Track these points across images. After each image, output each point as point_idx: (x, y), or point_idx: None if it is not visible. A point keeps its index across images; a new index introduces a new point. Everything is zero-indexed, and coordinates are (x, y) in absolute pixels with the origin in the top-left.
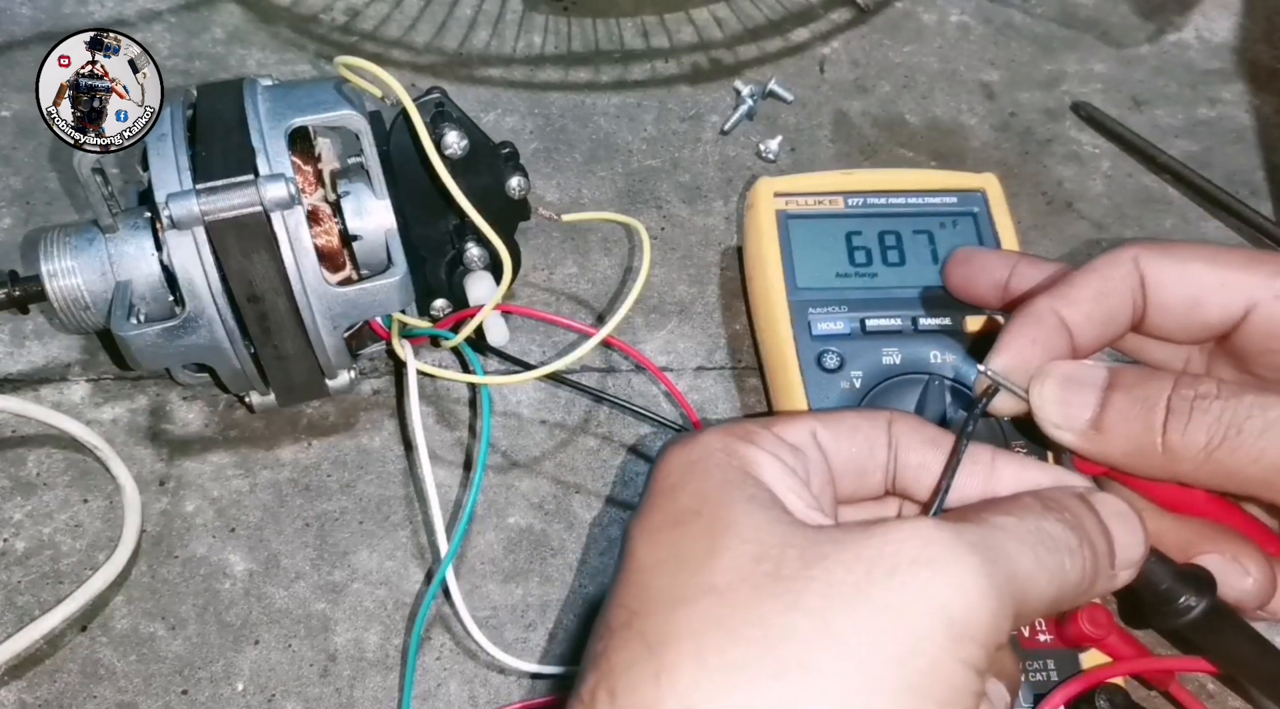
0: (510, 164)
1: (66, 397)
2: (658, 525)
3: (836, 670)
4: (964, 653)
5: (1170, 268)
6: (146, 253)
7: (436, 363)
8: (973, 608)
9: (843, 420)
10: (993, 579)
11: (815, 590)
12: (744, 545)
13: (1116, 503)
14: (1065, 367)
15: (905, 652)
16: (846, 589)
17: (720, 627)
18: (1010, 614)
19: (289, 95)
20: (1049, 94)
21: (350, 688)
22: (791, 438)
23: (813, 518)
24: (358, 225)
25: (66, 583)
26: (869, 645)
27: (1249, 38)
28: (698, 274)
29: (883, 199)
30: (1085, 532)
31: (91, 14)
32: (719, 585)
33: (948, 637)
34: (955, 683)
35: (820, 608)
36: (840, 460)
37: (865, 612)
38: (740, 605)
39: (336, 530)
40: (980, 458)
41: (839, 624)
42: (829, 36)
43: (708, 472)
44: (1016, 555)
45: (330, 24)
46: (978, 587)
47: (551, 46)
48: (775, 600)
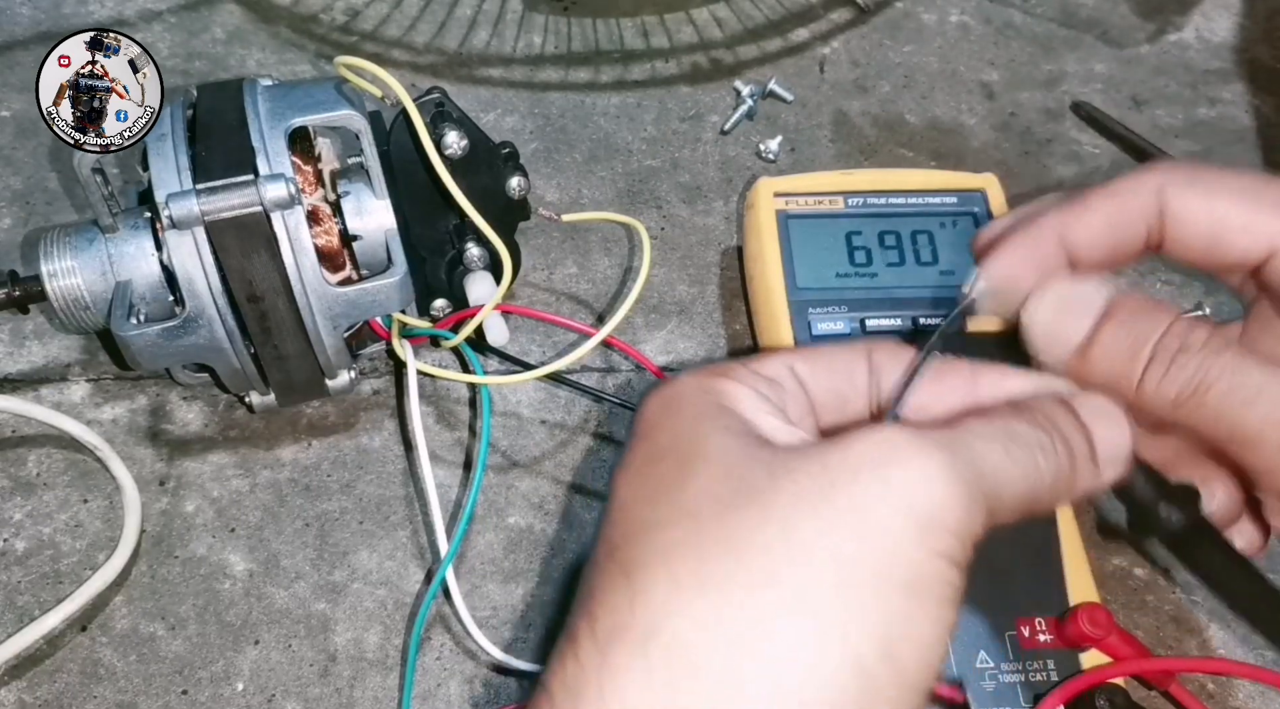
0: (510, 164)
1: (66, 397)
2: (637, 465)
3: (805, 576)
4: (934, 543)
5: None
6: (146, 253)
7: (436, 363)
8: (939, 499)
9: (820, 353)
10: (958, 471)
11: (781, 501)
12: (713, 468)
13: (1098, 401)
14: (1064, 288)
15: (872, 549)
16: (811, 496)
17: (690, 545)
18: (982, 507)
19: (289, 95)
20: (1049, 94)
21: (350, 688)
22: (768, 372)
23: (786, 436)
24: (358, 225)
25: (66, 583)
26: (835, 548)
27: (1249, 38)
28: (698, 274)
29: (883, 199)
30: (1060, 431)
31: (91, 14)
32: (690, 508)
33: (915, 529)
34: (926, 571)
35: (786, 516)
36: (819, 390)
37: (829, 515)
38: (709, 523)
39: (336, 530)
40: (959, 371)
41: (805, 530)
42: (829, 36)
43: (681, 409)
44: (984, 452)
45: (330, 24)
46: (943, 479)
47: (551, 46)
48: (742, 514)
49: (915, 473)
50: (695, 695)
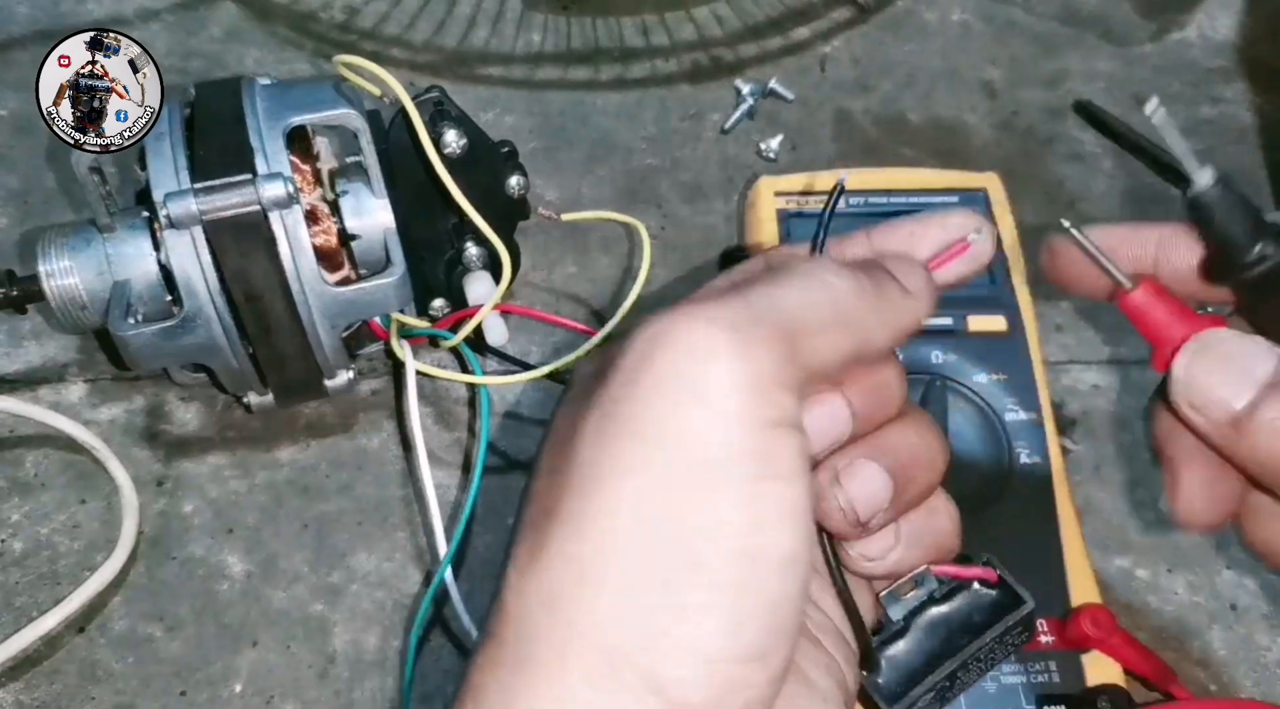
0: (509, 163)
1: (64, 397)
2: None
3: (596, 507)
4: (714, 410)
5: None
6: (144, 252)
7: (435, 363)
8: (705, 355)
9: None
10: (717, 316)
11: (583, 440)
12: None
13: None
14: (1228, 342)
15: (654, 446)
16: (602, 420)
17: (525, 526)
18: (767, 337)
19: (287, 94)
20: (1051, 93)
21: (349, 690)
22: None
23: None
24: (356, 224)
25: (64, 584)
26: (627, 466)
27: (1251, 36)
28: (698, 274)
29: (884, 198)
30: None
31: (89, 12)
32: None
33: (690, 403)
34: (714, 454)
35: (586, 450)
36: None
37: (614, 430)
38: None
39: (335, 532)
40: (856, 242)
41: (600, 458)
42: (830, 35)
43: None
44: (755, 288)
45: (328, 22)
46: (697, 332)
47: (551, 45)
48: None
49: (674, 342)
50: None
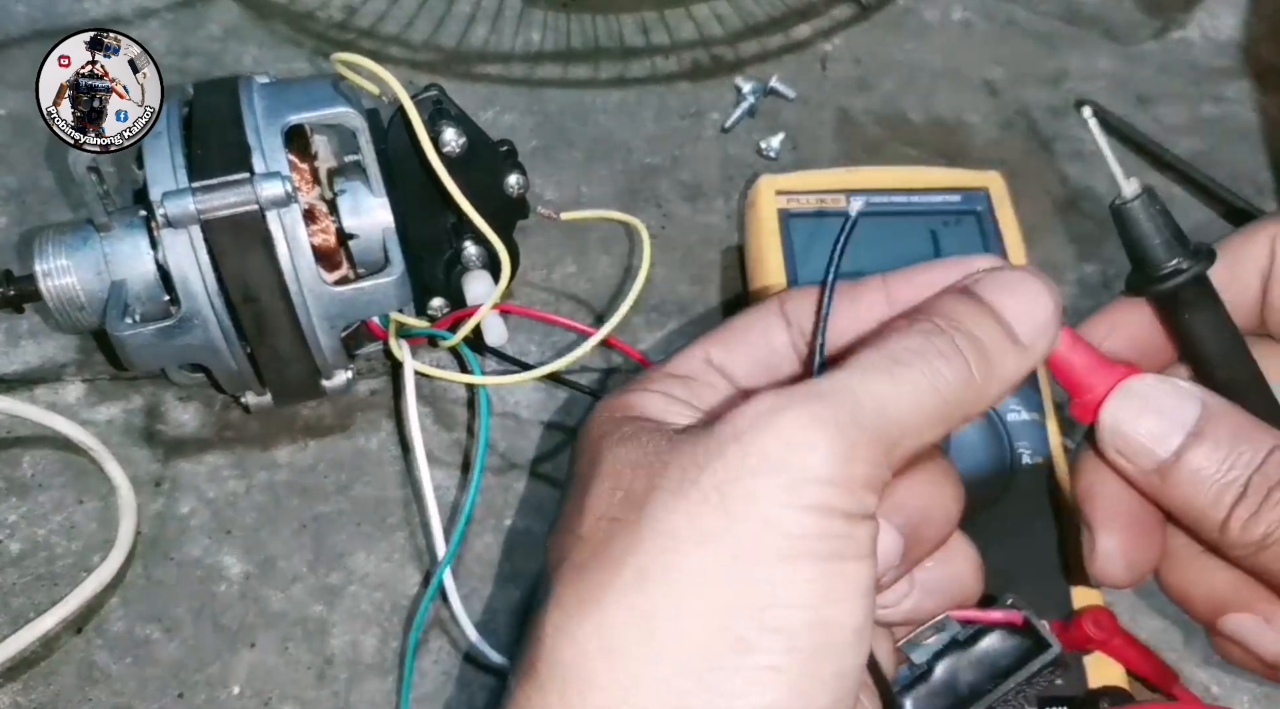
0: (509, 162)
1: (61, 397)
2: (559, 514)
3: (670, 566)
4: (804, 498)
5: None
6: (142, 252)
7: (434, 363)
8: (801, 451)
9: (732, 330)
10: (821, 417)
11: (658, 500)
12: (604, 483)
13: (1007, 275)
14: (1153, 389)
15: (739, 520)
16: (684, 484)
17: (576, 567)
18: (867, 445)
19: (285, 93)
20: (1053, 91)
21: (347, 691)
22: (682, 370)
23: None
24: (354, 224)
25: (61, 585)
26: (700, 529)
27: (1254, 35)
28: (698, 273)
29: (885, 197)
30: (962, 326)
31: (87, 11)
32: (583, 532)
33: (780, 488)
34: (798, 530)
35: (656, 511)
36: (739, 368)
37: (696, 497)
38: (595, 541)
39: (333, 532)
40: (872, 287)
41: (673, 520)
42: (831, 33)
43: (589, 433)
44: (863, 384)
45: (327, 21)
46: (804, 428)
47: (550, 43)
48: (620, 525)
49: (776, 431)
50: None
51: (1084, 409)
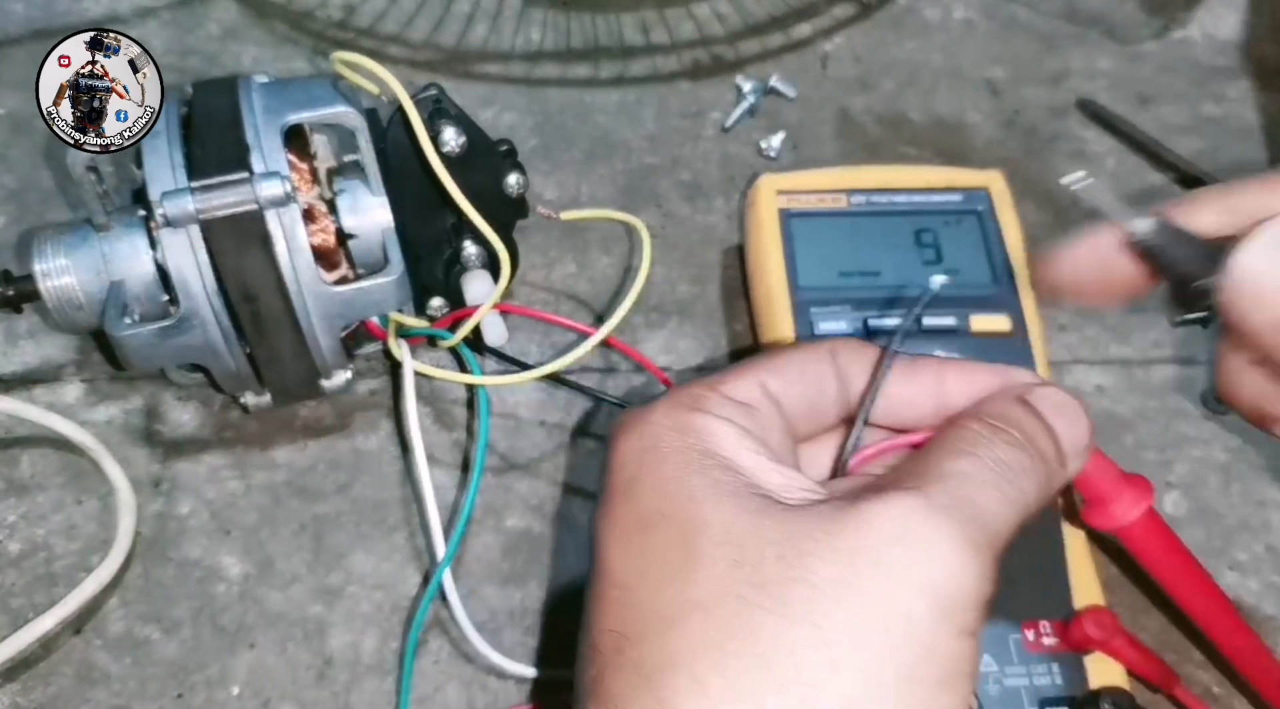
0: (508, 161)
1: (60, 397)
2: (625, 530)
3: (835, 677)
4: (958, 623)
5: None
6: (140, 252)
7: (434, 363)
8: (958, 576)
9: (789, 363)
10: (971, 539)
11: (800, 594)
12: (719, 548)
13: (1054, 395)
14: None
15: (900, 640)
16: (831, 587)
17: (711, 646)
18: (992, 562)
19: (284, 92)
20: (1054, 91)
21: (347, 692)
22: (741, 395)
23: (781, 485)
24: (354, 223)
25: (60, 585)
26: (863, 643)
27: (1255, 35)
28: (698, 273)
29: (886, 197)
30: (1034, 443)
31: (86, 11)
32: (703, 600)
33: (940, 612)
34: (953, 656)
35: (808, 612)
36: (794, 404)
37: (854, 608)
38: (728, 621)
39: (332, 533)
40: (926, 370)
41: (830, 627)
42: (831, 32)
43: (662, 458)
44: (984, 502)
45: (326, 20)
46: (958, 552)
47: (550, 42)
48: (762, 611)
49: (933, 552)
50: None
51: (1104, 517)
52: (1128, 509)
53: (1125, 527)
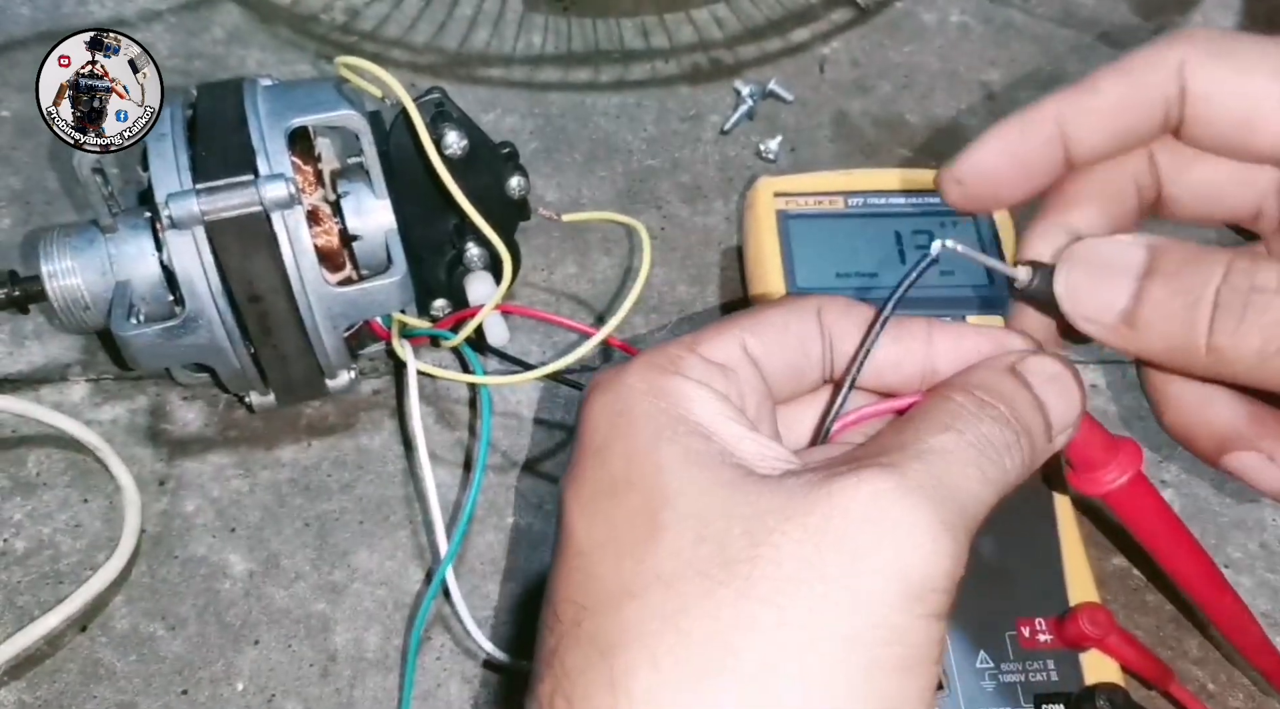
0: (510, 164)
1: (66, 397)
2: (591, 496)
3: (798, 661)
4: (926, 606)
5: (1224, 78)
6: (146, 253)
7: (436, 363)
8: (929, 559)
9: (770, 322)
10: (945, 521)
11: (764, 573)
12: (684, 521)
13: (1049, 365)
14: (1097, 247)
15: (864, 625)
16: (796, 567)
17: (670, 624)
18: (965, 544)
19: (289, 95)
20: (1049, 94)
21: (350, 688)
22: (720, 356)
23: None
24: (357, 225)
25: (66, 583)
26: (826, 627)
27: None
28: (698, 274)
29: (883, 199)
30: (1021, 419)
31: (91, 14)
32: (664, 573)
33: (907, 597)
34: (919, 641)
35: (772, 593)
36: (775, 366)
37: (818, 590)
38: (689, 598)
39: (336, 531)
40: (915, 332)
41: (792, 609)
42: (829, 36)
43: (634, 423)
44: (962, 481)
45: (330, 24)
46: (931, 535)
47: (551, 46)
48: (725, 589)
49: (904, 535)
50: None
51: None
52: (1117, 475)
53: (1114, 492)
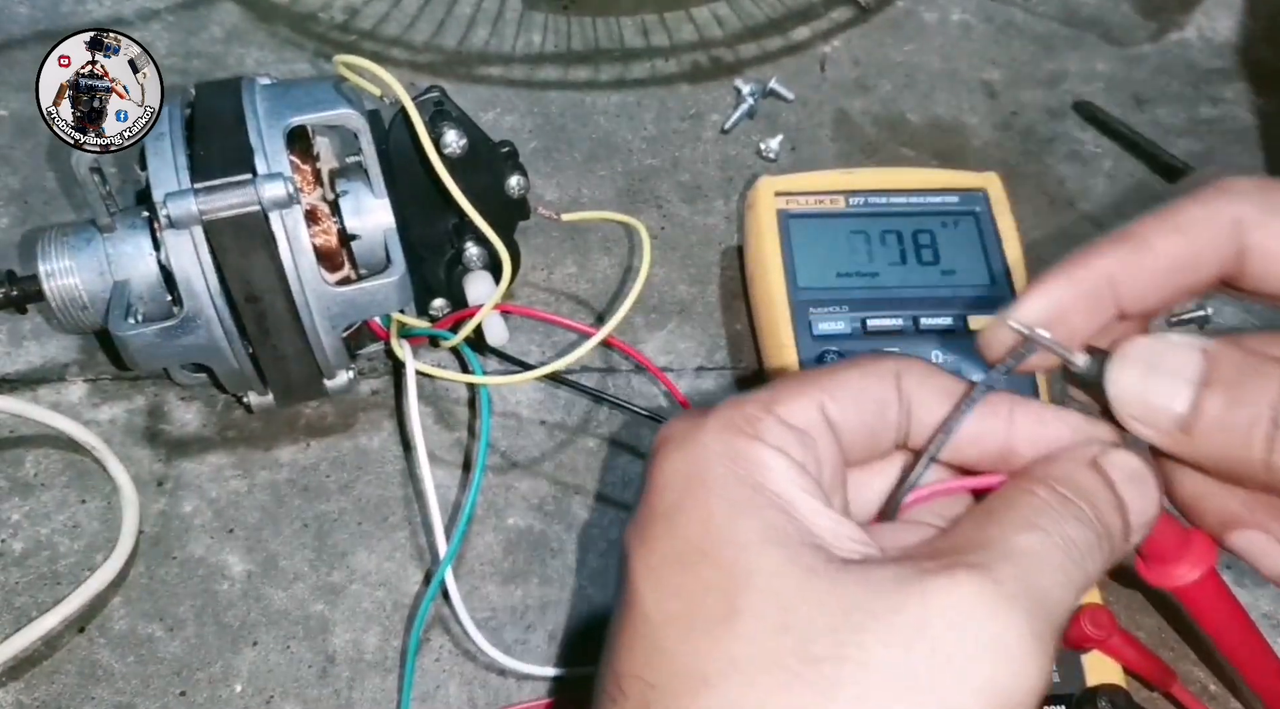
0: (509, 163)
1: (64, 397)
2: (662, 562)
3: None
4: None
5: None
6: (144, 252)
7: (435, 363)
8: (1021, 674)
9: (850, 386)
10: (1037, 633)
11: (850, 675)
12: (765, 605)
13: (1131, 462)
14: (1151, 347)
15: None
16: (885, 671)
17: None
18: (1053, 654)
19: (287, 94)
20: (1051, 93)
21: (349, 689)
22: (798, 419)
23: (829, 530)
24: (356, 224)
25: (64, 584)
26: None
27: (1251, 37)
28: (698, 274)
29: (884, 198)
30: (1103, 520)
31: (90, 13)
32: (741, 661)
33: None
34: None
35: (858, 698)
36: (851, 430)
37: (907, 698)
38: (769, 692)
39: (335, 531)
40: (997, 409)
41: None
42: (830, 35)
43: (709, 490)
44: (1051, 586)
45: (329, 22)
46: (1024, 649)
47: (551, 45)
48: (806, 687)
49: (999, 647)
50: None
51: (1163, 576)
52: (1189, 570)
53: (1185, 587)
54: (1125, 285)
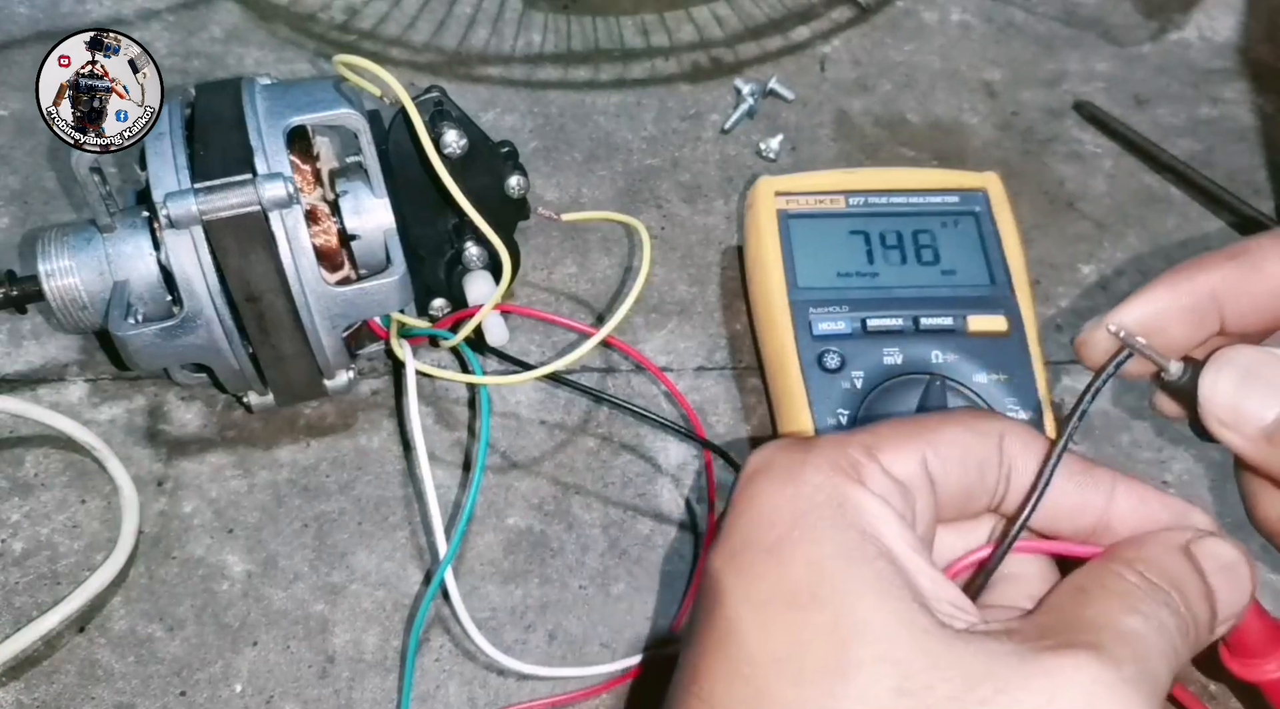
0: (509, 163)
1: (64, 397)
2: (769, 600)
3: None
4: None
5: None
6: (144, 252)
7: (435, 363)
8: None
9: (953, 443)
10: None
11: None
12: (880, 663)
13: (1224, 551)
14: (1249, 355)
15: None
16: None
17: None
18: None
19: (287, 94)
20: (1051, 93)
21: (349, 689)
22: (900, 470)
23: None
24: (356, 225)
25: (64, 584)
26: None
27: (1251, 37)
28: (698, 274)
29: (884, 198)
30: (1191, 608)
31: (89, 13)
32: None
33: None
34: None
35: None
36: (949, 488)
37: None
38: None
39: (335, 531)
40: (1100, 484)
41: None
42: (830, 35)
43: (819, 531)
44: (1157, 668)
45: (329, 23)
46: (1120, 692)
47: (551, 45)
48: None
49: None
50: None
51: (1249, 669)
52: (1278, 666)
53: (1274, 681)
54: (1231, 304)
